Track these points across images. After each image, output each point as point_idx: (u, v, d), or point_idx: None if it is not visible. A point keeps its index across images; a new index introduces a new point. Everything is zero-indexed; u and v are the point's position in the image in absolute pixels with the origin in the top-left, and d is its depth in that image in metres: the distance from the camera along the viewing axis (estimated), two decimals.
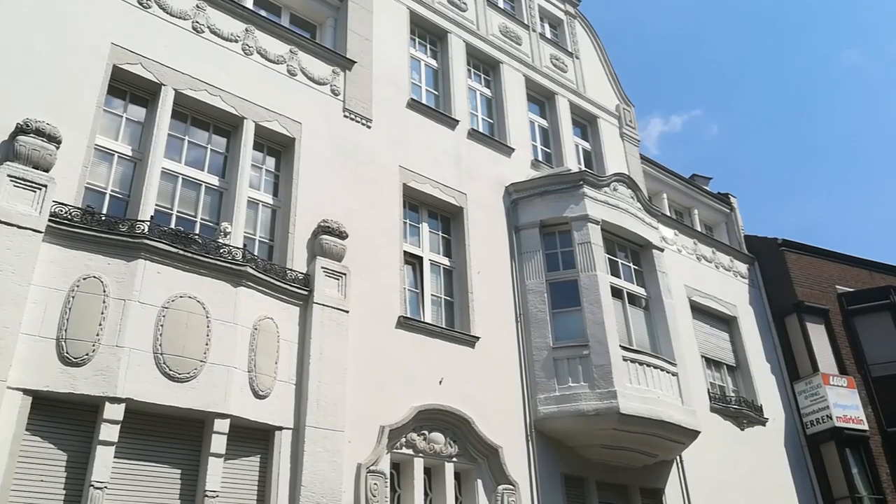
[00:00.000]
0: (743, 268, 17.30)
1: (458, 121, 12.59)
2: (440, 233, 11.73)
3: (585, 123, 15.75)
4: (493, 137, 13.20)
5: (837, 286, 17.62)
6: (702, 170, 18.98)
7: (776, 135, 51.78)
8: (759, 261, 17.62)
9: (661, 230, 14.21)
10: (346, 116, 10.92)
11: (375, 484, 8.72)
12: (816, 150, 51.55)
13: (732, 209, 18.44)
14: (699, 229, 17.27)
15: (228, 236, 8.67)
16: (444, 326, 10.76)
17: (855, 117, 50.11)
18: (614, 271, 12.49)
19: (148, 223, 7.93)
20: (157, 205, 8.41)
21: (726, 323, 16.01)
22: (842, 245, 43.67)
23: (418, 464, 9.45)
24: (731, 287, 16.52)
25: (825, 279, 17.57)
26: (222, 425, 7.70)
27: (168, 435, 7.56)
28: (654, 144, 52.20)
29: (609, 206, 12.72)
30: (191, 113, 9.38)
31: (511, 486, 9.99)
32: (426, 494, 9.52)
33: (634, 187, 13.45)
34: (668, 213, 16.68)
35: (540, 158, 14.00)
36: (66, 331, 7.08)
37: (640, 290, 12.85)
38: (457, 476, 9.86)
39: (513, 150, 13.28)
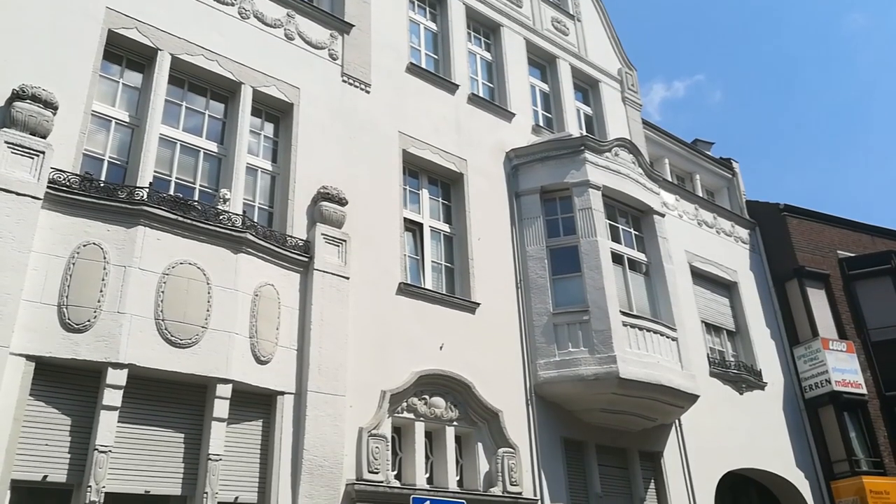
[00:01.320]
0: (744, 233, 17.28)
1: (457, 85, 12.47)
2: (440, 199, 11.70)
3: (587, 88, 15.59)
4: (493, 102, 13.09)
5: (839, 251, 17.60)
6: (704, 136, 18.82)
7: (780, 100, 51.33)
8: (760, 226, 17.58)
9: (662, 195, 14.16)
10: (344, 81, 10.82)
11: (377, 447, 8.83)
12: (820, 116, 51.14)
13: (734, 174, 18.35)
14: (700, 195, 17.21)
15: (228, 203, 8.65)
16: (444, 293, 10.79)
17: (860, 82, 49.59)
18: (615, 237, 12.48)
19: (147, 190, 7.91)
20: (155, 171, 8.39)
21: (727, 288, 16.04)
22: (844, 211, 43.52)
23: (419, 428, 9.56)
24: (731, 252, 16.52)
25: (826, 244, 17.56)
26: (224, 390, 7.78)
27: (171, 400, 7.64)
28: (656, 111, 51.81)
29: (610, 171, 12.66)
30: (188, 78, 9.30)
31: (511, 450, 10.12)
32: (427, 457, 9.64)
33: (636, 152, 13.37)
34: (670, 179, 16.60)
35: (541, 123, 13.90)
36: (67, 297, 7.11)
37: (641, 256, 12.86)
38: (457, 439, 9.98)
39: (513, 115, 13.17)
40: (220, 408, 7.72)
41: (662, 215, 13.50)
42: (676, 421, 12.62)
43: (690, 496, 12.32)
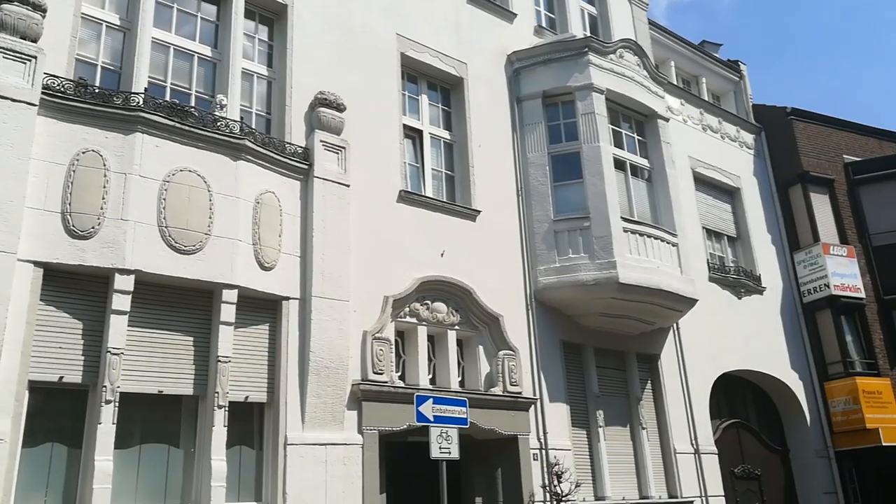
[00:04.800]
0: (749, 138, 17.07)
1: None
2: (440, 105, 11.54)
3: None
4: (494, 2, 12.66)
5: (845, 156, 17.44)
6: (712, 39, 18.22)
7: (791, 2, 49.48)
8: (766, 131, 17.36)
9: (667, 99, 13.93)
10: None
11: (381, 350, 9.08)
12: (832, 19, 49.43)
13: (742, 77, 17.94)
14: (706, 98, 16.90)
15: (225, 109, 8.56)
16: (445, 200, 10.82)
17: None
18: (617, 142, 12.37)
19: (142, 96, 7.82)
20: (150, 77, 8.26)
21: (729, 194, 16.01)
22: (854, 117, 42.74)
23: (422, 331, 9.80)
24: (735, 158, 16.38)
25: (832, 149, 17.37)
26: (230, 295, 7.94)
27: (179, 305, 7.83)
28: (662, 14, 50.03)
29: (614, 74, 12.40)
30: None
31: (511, 352, 10.39)
32: (430, 360, 9.94)
33: (641, 54, 13.06)
34: (675, 82, 16.26)
35: (543, 24, 13.49)
36: (70, 205, 7.17)
37: (644, 162, 12.78)
38: (459, 343, 10.26)
39: (515, 15, 12.79)
40: (227, 312, 7.91)
41: (666, 120, 13.32)
42: (674, 324, 12.89)
43: (686, 397, 12.73)
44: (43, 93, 7.19)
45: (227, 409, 7.67)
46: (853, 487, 14.99)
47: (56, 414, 7.05)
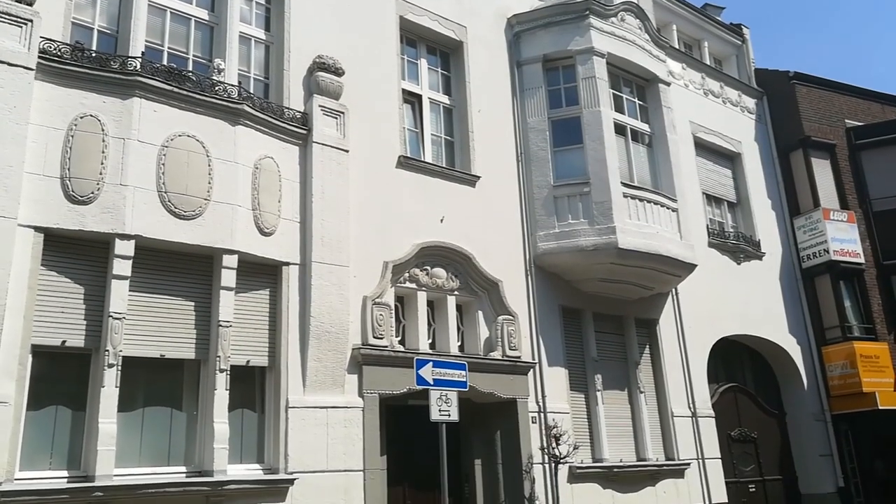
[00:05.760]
0: (751, 103, 16.95)
1: None
2: (439, 70, 11.45)
3: None
4: None
5: (847, 120, 17.32)
6: (714, 1, 17.95)
7: None
8: (767, 95, 17.22)
9: (668, 63, 13.81)
10: None
11: (381, 315, 9.15)
12: None
13: (744, 41, 17.73)
14: (708, 63, 16.74)
15: (222, 73, 8.51)
16: (444, 166, 10.79)
17: None
18: (618, 107, 12.30)
19: (139, 60, 7.77)
20: (146, 41, 8.20)
21: (730, 160, 15.95)
22: (857, 81, 42.26)
23: (421, 297, 9.86)
24: (737, 123, 16.28)
25: (835, 113, 17.26)
26: (230, 261, 7.98)
27: (180, 270, 7.86)
28: None
29: (616, 37, 12.27)
30: None
31: (510, 317, 10.47)
32: (429, 325, 10.01)
33: (643, 17, 12.91)
34: (677, 46, 16.08)
35: None
36: (69, 170, 7.16)
37: (644, 127, 12.72)
38: (458, 308, 10.32)
39: None
40: (228, 277, 7.96)
41: (668, 84, 13.23)
42: (673, 290, 12.95)
43: (684, 361, 12.85)
44: (40, 57, 7.15)
45: (228, 372, 7.76)
46: (849, 450, 15.20)
47: (59, 377, 7.13)
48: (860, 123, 17.39)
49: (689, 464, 12.11)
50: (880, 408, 14.50)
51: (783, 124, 16.83)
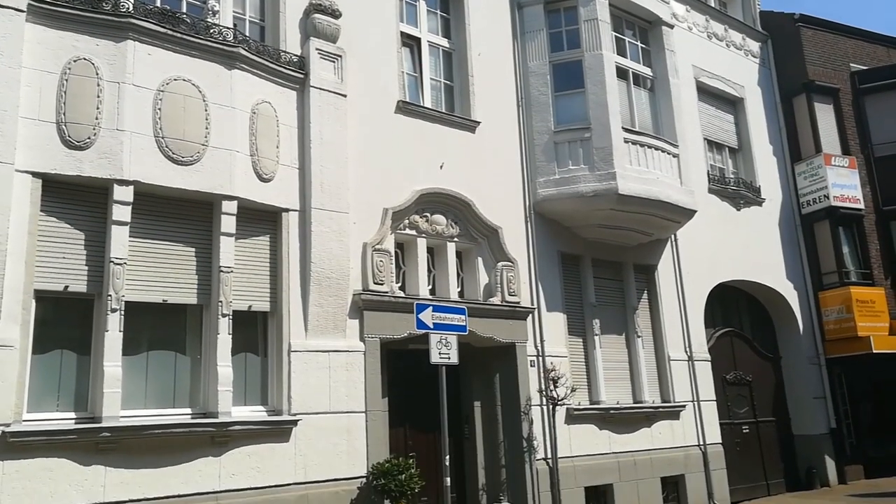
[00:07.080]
0: (755, 46, 16.66)
1: None
2: (438, 12, 11.23)
3: None
4: None
5: (852, 64, 17.07)
6: None
7: None
8: (772, 38, 16.90)
9: (671, 5, 13.53)
10: None
11: (381, 261, 9.19)
12: None
13: None
14: (712, 5, 16.40)
15: (217, 16, 8.35)
16: (443, 111, 10.68)
17: None
18: (620, 50, 12.11)
19: (132, 1, 7.61)
20: None
21: (732, 105, 15.77)
22: (864, 23, 41.40)
23: (421, 243, 9.88)
24: (740, 67, 16.04)
25: (840, 57, 16.99)
26: (230, 206, 7.97)
27: (179, 216, 7.86)
28: None
29: None
30: None
31: (510, 263, 10.52)
32: (429, 271, 10.06)
33: None
34: None
35: None
36: (64, 114, 7.09)
37: (646, 70, 12.55)
38: (458, 254, 10.36)
39: None
40: (227, 223, 7.96)
41: (671, 27, 13.00)
42: (673, 236, 12.97)
43: (681, 306, 12.96)
44: None
45: (230, 317, 7.83)
46: (842, 392, 15.47)
47: (64, 322, 7.20)
48: (865, 67, 17.14)
49: (684, 406, 12.33)
50: (874, 352, 14.68)
51: (787, 68, 16.59)
